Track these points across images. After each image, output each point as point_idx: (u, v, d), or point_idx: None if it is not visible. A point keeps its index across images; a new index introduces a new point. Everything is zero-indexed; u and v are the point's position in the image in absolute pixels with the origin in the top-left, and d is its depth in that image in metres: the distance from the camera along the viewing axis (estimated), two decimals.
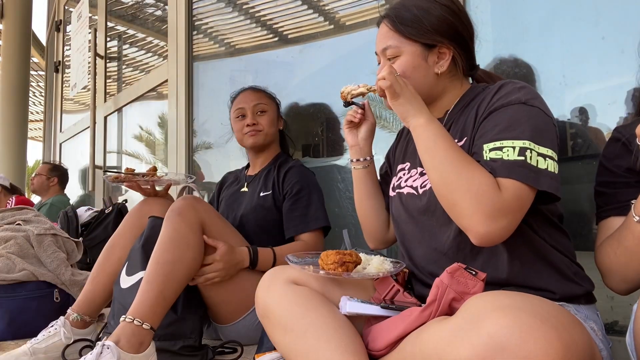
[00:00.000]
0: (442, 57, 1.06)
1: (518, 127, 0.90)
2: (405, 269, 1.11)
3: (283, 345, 1.00)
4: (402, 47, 1.06)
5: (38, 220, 2.05)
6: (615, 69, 1.23)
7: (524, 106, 0.93)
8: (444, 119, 1.09)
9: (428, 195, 1.04)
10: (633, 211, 0.84)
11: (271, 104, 1.79)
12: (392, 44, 1.07)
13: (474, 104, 1.04)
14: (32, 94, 10.56)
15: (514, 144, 0.89)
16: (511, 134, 0.90)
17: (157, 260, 1.29)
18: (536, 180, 0.87)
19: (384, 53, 1.09)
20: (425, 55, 1.05)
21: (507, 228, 0.86)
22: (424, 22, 1.04)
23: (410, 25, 1.05)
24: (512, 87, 0.96)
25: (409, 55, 1.05)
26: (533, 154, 0.88)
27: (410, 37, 1.05)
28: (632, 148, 0.93)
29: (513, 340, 0.65)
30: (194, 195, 1.45)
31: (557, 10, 1.34)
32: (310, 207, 1.62)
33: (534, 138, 0.89)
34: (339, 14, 2.08)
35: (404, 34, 1.05)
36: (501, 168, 0.88)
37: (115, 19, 4.00)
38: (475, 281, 0.84)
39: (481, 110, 0.98)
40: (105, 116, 3.89)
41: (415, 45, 1.05)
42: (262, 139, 1.75)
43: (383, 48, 1.08)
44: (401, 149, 1.24)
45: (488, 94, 1.00)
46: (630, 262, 0.88)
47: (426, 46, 1.05)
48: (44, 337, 1.38)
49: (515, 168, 0.87)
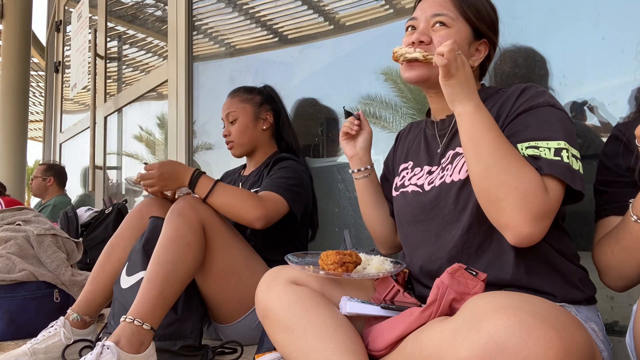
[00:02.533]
0: (479, 52, 1.06)
1: (550, 128, 0.90)
2: (405, 269, 1.11)
3: (283, 345, 1.00)
4: (456, 23, 1.02)
5: (38, 220, 2.05)
6: (615, 69, 1.23)
7: (553, 109, 0.93)
8: (453, 115, 1.07)
9: (436, 192, 1.03)
10: (631, 210, 0.85)
11: (243, 108, 1.72)
12: (448, 13, 1.02)
13: (487, 103, 1.02)
14: (32, 94, 10.57)
15: (548, 145, 0.88)
16: (544, 134, 0.89)
17: (157, 261, 1.29)
18: (574, 181, 0.87)
19: (431, 19, 1.02)
20: (470, 42, 1.03)
21: (546, 229, 0.86)
22: (483, 11, 1.04)
23: (471, 6, 1.03)
24: (536, 91, 0.96)
25: (458, 34, 1.01)
26: (569, 154, 0.88)
27: (469, 17, 1.02)
28: (632, 148, 0.92)
29: (513, 340, 0.65)
30: (194, 196, 1.45)
31: (557, 10, 1.34)
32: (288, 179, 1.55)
33: (567, 139, 0.89)
34: (339, 14, 2.08)
35: (463, 10, 1.02)
36: (545, 165, 0.87)
37: (115, 19, 4.01)
38: (475, 281, 0.84)
39: (504, 112, 0.97)
40: (105, 116, 3.90)
41: (468, 28, 1.03)
42: (238, 151, 1.73)
43: (435, 14, 1.02)
44: (402, 149, 1.23)
45: (510, 97, 0.98)
46: (627, 260, 0.88)
47: (475, 34, 1.04)
48: (44, 337, 1.38)
49: (557, 167, 0.86)
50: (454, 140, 1.06)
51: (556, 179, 0.86)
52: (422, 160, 1.12)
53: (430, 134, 1.14)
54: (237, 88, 1.80)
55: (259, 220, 1.42)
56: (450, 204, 1.00)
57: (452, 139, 1.07)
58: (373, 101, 1.86)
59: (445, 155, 1.06)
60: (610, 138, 1.00)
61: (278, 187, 1.52)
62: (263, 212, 1.42)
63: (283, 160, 1.66)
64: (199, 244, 1.35)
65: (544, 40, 1.36)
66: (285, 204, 1.50)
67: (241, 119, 1.70)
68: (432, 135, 1.13)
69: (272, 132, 1.78)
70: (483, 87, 1.10)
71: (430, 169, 1.09)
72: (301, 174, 1.63)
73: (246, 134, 1.70)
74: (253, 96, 1.76)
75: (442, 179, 1.03)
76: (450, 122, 1.08)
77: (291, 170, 1.60)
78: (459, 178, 0.99)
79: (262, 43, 2.49)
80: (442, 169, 1.05)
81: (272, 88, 1.84)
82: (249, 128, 1.71)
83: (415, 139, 1.19)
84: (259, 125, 1.74)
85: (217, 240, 1.41)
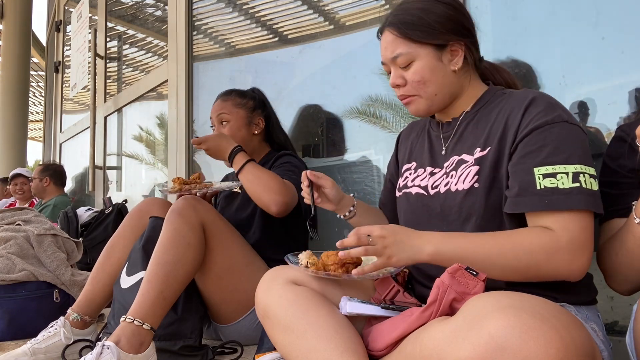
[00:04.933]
0: (455, 54, 1.04)
1: (567, 149, 0.89)
2: (405, 269, 1.11)
3: (283, 345, 0.99)
4: (414, 53, 1.02)
5: (38, 220, 2.05)
6: (615, 69, 1.23)
7: (567, 125, 0.91)
8: (458, 118, 1.07)
9: (441, 199, 1.02)
10: (634, 213, 0.84)
11: (237, 113, 1.71)
12: (402, 51, 1.03)
13: (494, 107, 1.02)
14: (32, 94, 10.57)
15: (566, 169, 0.87)
16: (561, 157, 0.88)
17: (157, 261, 1.29)
18: (595, 205, 0.87)
19: (394, 62, 1.05)
20: (439, 56, 1.02)
21: (590, 257, 0.86)
22: (431, 23, 1.02)
23: (417, 29, 1.02)
24: (549, 102, 0.94)
25: (424, 59, 1.02)
26: (586, 177, 0.87)
27: (421, 41, 1.02)
28: (636, 148, 0.92)
29: (514, 340, 0.65)
30: (194, 196, 1.45)
31: (557, 10, 1.34)
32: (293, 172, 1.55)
33: (583, 160, 0.88)
34: (339, 14, 2.08)
35: (413, 38, 1.02)
36: (562, 201, 0.86)
37: (115, 19, 4.01)
38: (475, 281, 0.84)
39: (513, 123, 0.95)
40: (105, 116, 3.90)
41: (428, 48, 1.02)
42: None
43: (393, 57, 1.04)
44: (405, 150, 1.22)
45: (518, 105, 0.97)
46: (632, 263, 0.88)
47: (438, 47, 1.02)
48: (44, 337, 1.39)
49: (575, 197, 0.86)
50: (458, 144, 1.05)
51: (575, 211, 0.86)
52: (425, 161, 1.11)
53: (434, 135, 1.13)
54: (229, 91, 1.79)
55: (277, 205, 1.41)
56: (454, 213, 1.00)
57: (457, 143, 1.06)
58: (373, 101, 1.86)
59: (449, 159, 1.06)
60: (614, 139, 0.99)
61: (290, 178, 1.52)
62: (283, 199, 1.42)
63: (285, 156, 1.67)
64: (199, 244, 1.35)
65: (544, 40, 1.36)
66: (296, 194, 1.50)
67: (233, 122, 1.69)
68: (436, 137, 1.12)
69: (262, 137, 1.78)
70: (489, 88, 1.08)
71: (432, 170, 1.08)
72: (302, 169, 1.63)
73: (237, 137, 1.67)
74: (246, 101, 1.75)
75: (447, 187, 1.02)
76: (456, 124, 1.07)
77: (293, 165, 1.62)
78: (464, 188, 0.98)
79: (262, 43, 2.48)
80: (447, 174, 1.04)
81: (261, 92, 1.84)
82: (240, 132, 1.70)
83: (419, 140, 1.18)
84: (251, 129, 1.73)
85: (217, 240, 1.41)
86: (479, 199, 0.96)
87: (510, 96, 1.01)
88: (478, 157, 0.99)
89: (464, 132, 1.05)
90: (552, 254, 0.85)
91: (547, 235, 0.87)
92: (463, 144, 1.04)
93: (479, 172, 0.97)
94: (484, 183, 0.96)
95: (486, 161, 0.97)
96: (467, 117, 1.06)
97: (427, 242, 0.91)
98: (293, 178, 1.52)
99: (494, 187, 0.96)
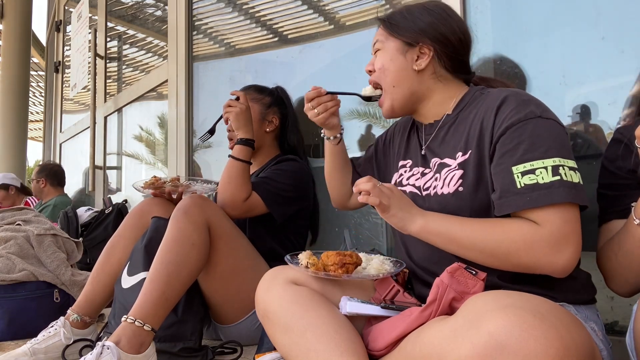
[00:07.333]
0: (422, 56, 1.08)
1: (543, 143, 0.88)
2: (405, 269, 1.11)
3: (283, 345, 1.00)
4: (385, 42, 1.12)
5: (38, 220, 2.05)
6: (615, 69, 1.23)
7: (541, 120, 0.91)
8: (440, 121, 1.09)
9: (432, 203, 1.03)
10: (633, 214, 0.84)
11: (251, 107, 1.64)
12: (379, 38, 1.14)
13: (472, 109, 1.03)
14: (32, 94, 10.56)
15: (544, 164, 0.87)
16: (538, 152, 0.88)
17: (161, 261, 1.27)
18: (578, 196, 0.86)
19: (373, 50, 1.16)
20: (404, 51, 1.09)
21: (576, 252, 0.86)
22: (409, 23, 1.09)
23: (395, 23, 1.11)
24: (520, 99, 0.94)
25: (389, 50, 1.11)
26: (566, 170, 0.86)
27: (393, 34, 1.11)
28: (633, 148, 0.92)
29: (513, 339, 0.65)
30: (201, 195, 1.44)
31: (557, 10, 1.34)
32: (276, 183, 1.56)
33: (561, 153, 0.88)
34: (339, 14, 2.08)
35: (389, 30, 1.12)
36: (542, 196, 0.85)
37: (115, 19, 4.01)
38: (475, 281, 0.84)
39: (488, 123, 0.96)
40: (105, 116, 3.90)
41: (397, 41, 1.10)
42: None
43: (373, 44, 1.15)
44: (401, 143, 1.22)
45: (491, 105, 0.97)
46: (631, 265, 0.88)
47: (406, 43, 1.09)
48: (44, 337, 1.38)
49: (555, 190, 0.85)
50: (441, 146, 1.06)
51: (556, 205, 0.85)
52: (418, 160, 1.13)
53: (420, 135, 1.16)
54: (249, 86, 1.79)
55: (227, 207, 1.48)
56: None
57: (439, 145, 1.07)
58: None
59: (431, 160, 1.07)
60: (612, 141, 0.99)
61: (257, 186, 1.54)
62: (232, 212, 1.49)
63: (282, 162, 1.65)
64: (204, 244, 1.34)
65: (544, 40, 1.37)
66: (262, 205, 1.53)
67: None
68: (420, 137, 1.15)
69: (275, 135, 1.77)
70: (469, 89, 1.09)
71: (423, 170, 1.10)
72: (297, 177, 1.62)
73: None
74: (263, 96, 1.74)
75: (435, 189, 1.04)
76: (437, 126, 1.09)
77: (285, 175, 1.59)
78: (449, 191, 1.00)
79: (262, 43, 2.49)
80: (433, 178, 1.05)
81: (284, 90, 1.82)
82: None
83: (412, 138, 1.19)
84: (264, 126, 1.72)
85: (222, 241, 1.40)
86: (465, 202, 0.97)
87: (486, 96, 1.02)
88: (461, 161, 1.00)
89: (446, 136, 1.06)
90: (531, 243, 0.85)
91: (529, 226, 0.87)
92: (445, 147, 1.05)
93: (463, 176, 0.98)
94: (469, 187, 0.97)
95: (469, 165, 0.98)
96: (449, 120, 1.08)
97: (421, 215, 0.96)
98: (267, 190, 1.54)
99: (479, 190, 0.96)
